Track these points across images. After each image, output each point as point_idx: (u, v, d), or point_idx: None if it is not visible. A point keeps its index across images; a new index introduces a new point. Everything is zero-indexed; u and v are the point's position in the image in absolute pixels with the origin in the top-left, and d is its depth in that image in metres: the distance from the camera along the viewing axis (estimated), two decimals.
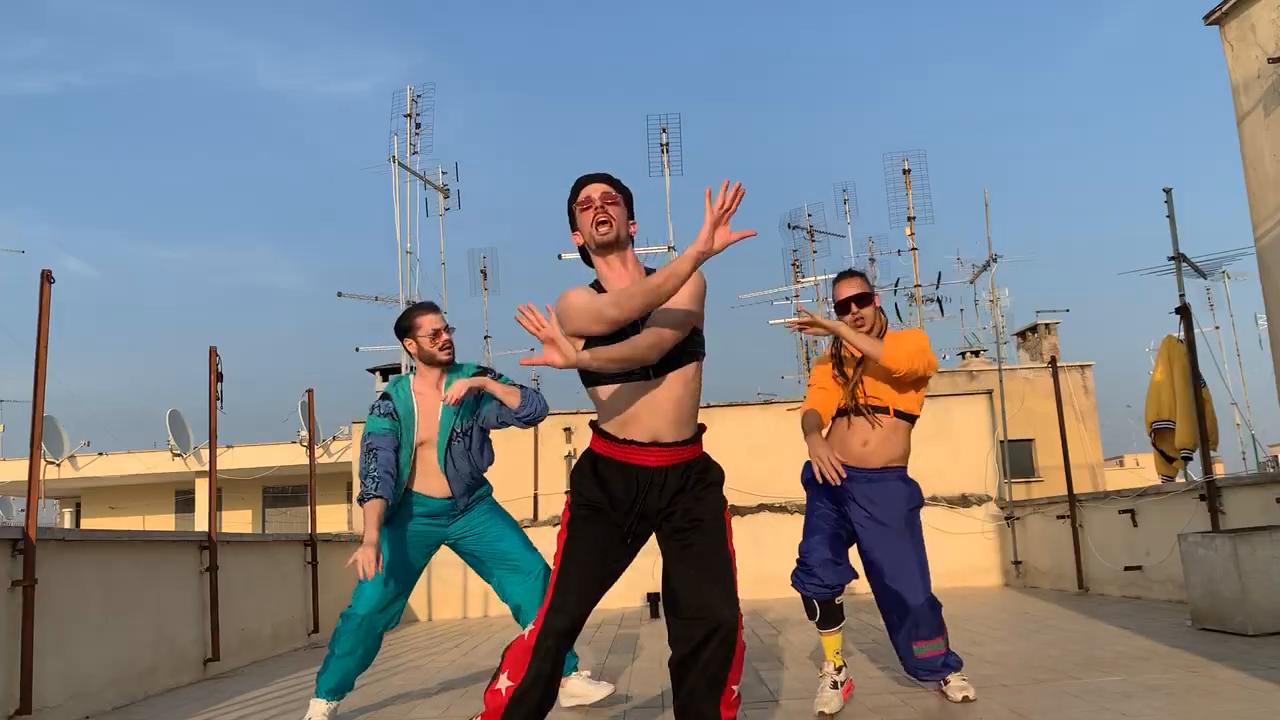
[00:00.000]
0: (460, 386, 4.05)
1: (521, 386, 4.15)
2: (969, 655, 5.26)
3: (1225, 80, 5.90)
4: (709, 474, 2.84)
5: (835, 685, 4.02)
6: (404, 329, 4.30)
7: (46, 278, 4.76)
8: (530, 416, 4.11)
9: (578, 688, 4.30)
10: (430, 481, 4.19)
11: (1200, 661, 4.68)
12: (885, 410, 4.06)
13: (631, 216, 2.92)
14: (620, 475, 2.76)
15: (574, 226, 2.91)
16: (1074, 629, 6.20)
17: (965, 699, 3.98)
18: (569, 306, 2.74)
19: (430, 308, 4.30)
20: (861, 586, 4.95)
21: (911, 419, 4.14)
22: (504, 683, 2.68)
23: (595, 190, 2.85)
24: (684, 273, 2.51)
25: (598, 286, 2.87)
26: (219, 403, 6.33)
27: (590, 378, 2.80)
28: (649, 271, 2.85)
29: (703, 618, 2.63)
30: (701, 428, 2.88)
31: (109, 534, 5.48)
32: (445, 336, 4.23)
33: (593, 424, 2.87)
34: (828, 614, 4.04)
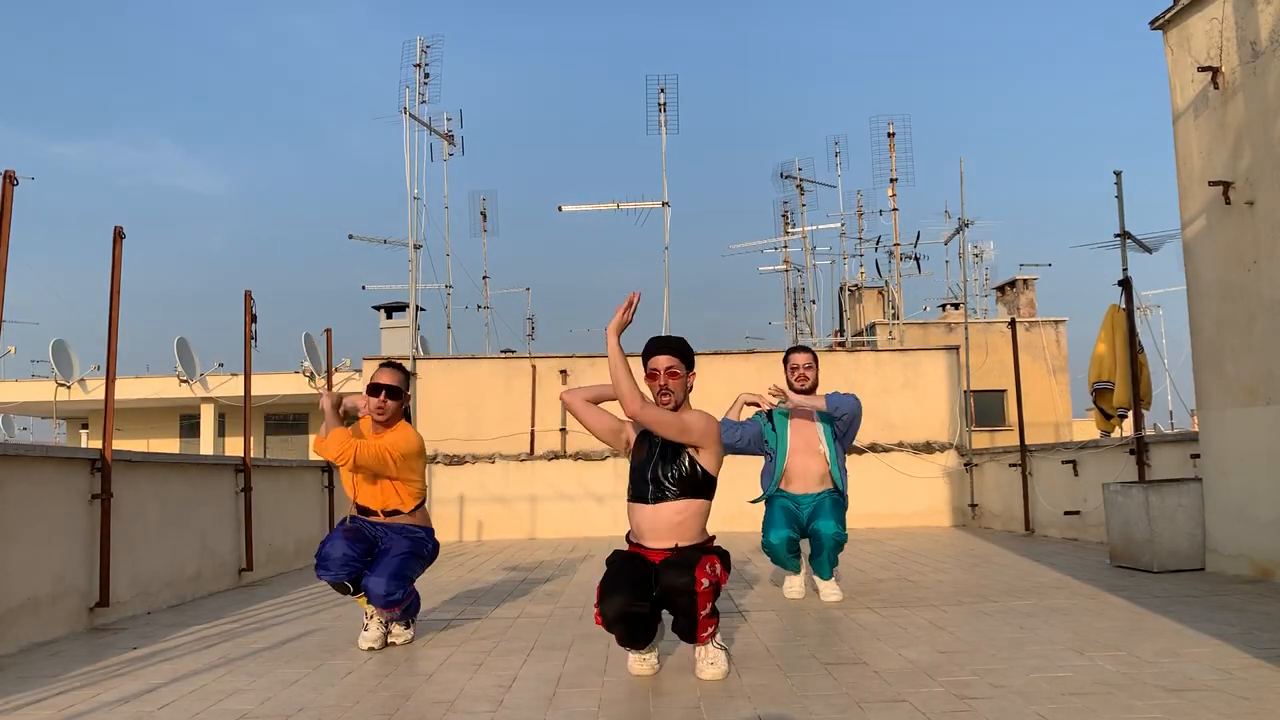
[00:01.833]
0: None
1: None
2: (909, 583, 6.09)
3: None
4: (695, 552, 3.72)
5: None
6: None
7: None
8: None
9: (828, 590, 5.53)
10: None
11: (1101, 591, 5.50)
12: None
13: (690, 369, 3.78)
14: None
15: (645, 370, 3.75)
16: (1008, 564, 7.03)
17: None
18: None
19: (800, 350, 5.64)
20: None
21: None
22: None
23: (661, 364, 3.71)
24: None
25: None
26: (253, 341, 7.04)
27: None
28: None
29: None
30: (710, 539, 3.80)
31: (164, 456, 6.24)
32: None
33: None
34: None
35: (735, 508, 6.40)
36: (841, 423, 5.50)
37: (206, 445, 24.61)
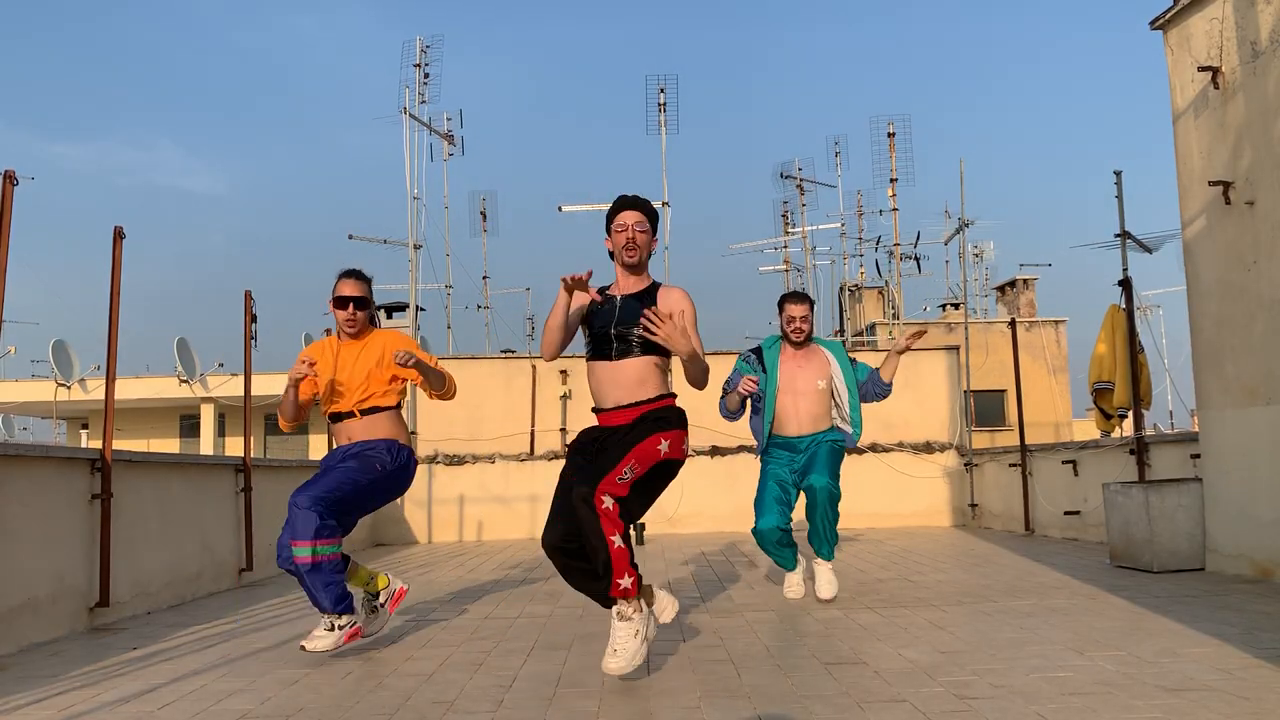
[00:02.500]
0: None
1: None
2: (910, 583, 6.09)
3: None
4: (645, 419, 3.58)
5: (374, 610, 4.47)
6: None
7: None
8: None
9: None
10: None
11: (1101, 591, 5.50)
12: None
13: (654, 236, 3.69)
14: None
15: (608, 234, 3.66)
16: (1008, 564, 7.03)
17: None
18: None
19: (797, 299, 5.44)
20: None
21: None
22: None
23: (630, 218, 3.61)
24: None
25: (606, 289, 3.71)
26: (253, 341, 7.04)
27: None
28: (654, 283, 3.71)
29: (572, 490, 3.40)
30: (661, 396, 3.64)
31: (164, 456, 6.24)
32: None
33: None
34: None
35: (733, 507, 6.40)
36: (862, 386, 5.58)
37: (206, 445, 24.60)
